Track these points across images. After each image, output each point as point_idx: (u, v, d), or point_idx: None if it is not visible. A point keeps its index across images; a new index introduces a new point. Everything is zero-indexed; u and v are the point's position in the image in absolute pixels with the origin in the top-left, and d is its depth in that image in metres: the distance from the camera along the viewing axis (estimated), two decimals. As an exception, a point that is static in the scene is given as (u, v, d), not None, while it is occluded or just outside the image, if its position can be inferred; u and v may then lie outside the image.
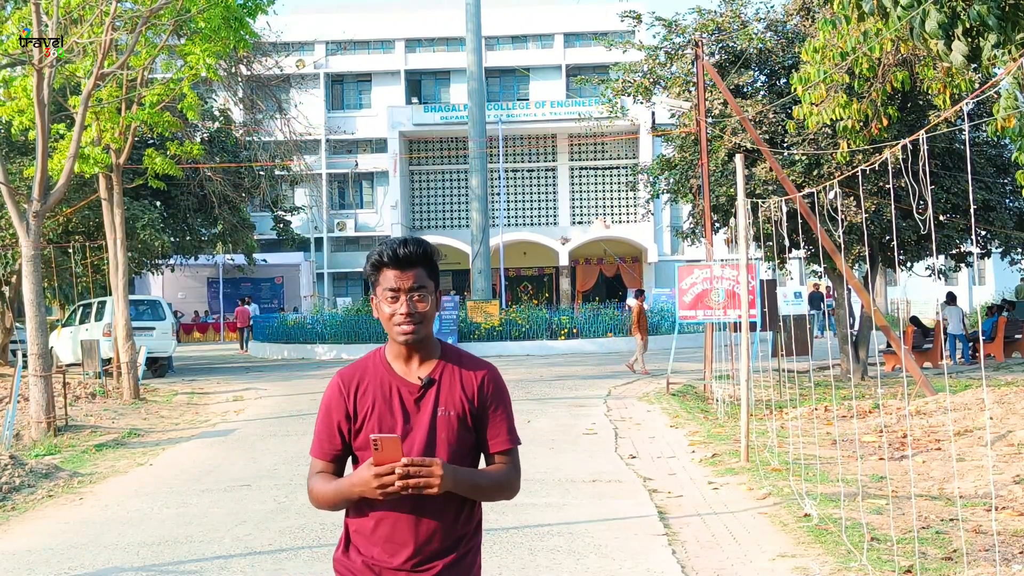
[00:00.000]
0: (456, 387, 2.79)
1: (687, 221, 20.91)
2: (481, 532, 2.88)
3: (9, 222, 18.82)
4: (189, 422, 14.76)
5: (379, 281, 2.77)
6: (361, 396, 2.78)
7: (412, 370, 2.80)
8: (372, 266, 2.79)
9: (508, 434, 2.83)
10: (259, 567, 6.58)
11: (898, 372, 18.35)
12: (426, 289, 2.76)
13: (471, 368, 2.83)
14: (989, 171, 16.81)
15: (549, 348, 26.33)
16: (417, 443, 2.72)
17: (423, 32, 45.22)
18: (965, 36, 7.94)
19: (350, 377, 2.82)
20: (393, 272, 2.74)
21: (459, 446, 2.76)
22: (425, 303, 2.75)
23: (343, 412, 2.78)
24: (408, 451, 2.69)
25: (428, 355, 2.82)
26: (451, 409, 2.76)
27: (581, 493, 8.68)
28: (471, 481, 2.71)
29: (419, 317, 2.74)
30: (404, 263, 2.74)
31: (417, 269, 2.75)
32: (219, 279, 40.66)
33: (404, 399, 2.77)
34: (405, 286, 2.73)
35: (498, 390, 2.84)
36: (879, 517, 7.12)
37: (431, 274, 2.79)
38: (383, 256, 2.75)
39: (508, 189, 43.95)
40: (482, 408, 2.80)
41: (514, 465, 2.84)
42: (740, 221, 9.74)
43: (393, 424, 2.74)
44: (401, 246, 2.75)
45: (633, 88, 18.53)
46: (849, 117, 10.78)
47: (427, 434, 2.73)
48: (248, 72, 29.66)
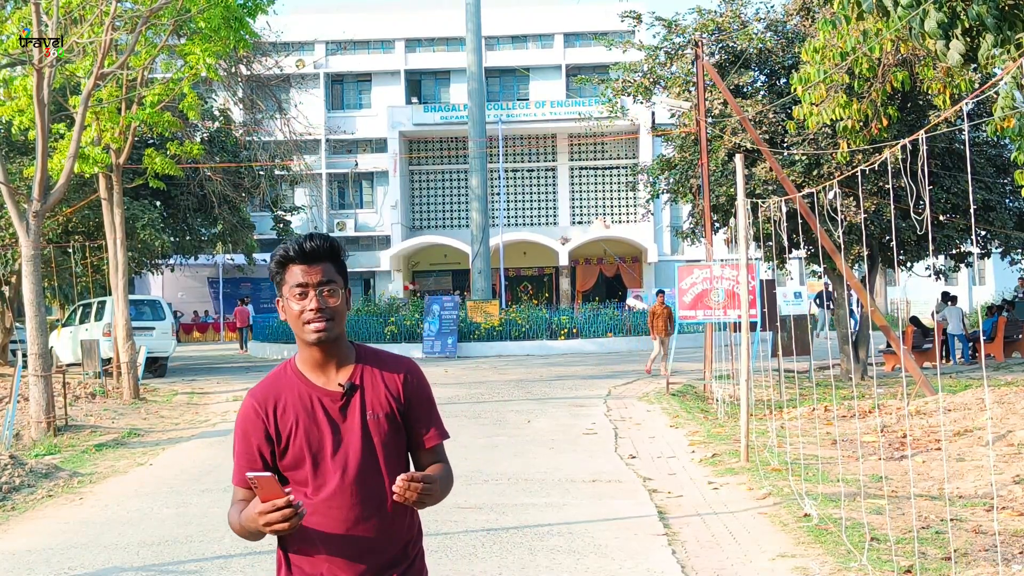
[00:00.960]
0: (380, 387, 2.67)
1: (687, 221, 20.91)
2: (422, 535, 2.79)
3: (9, 222, 18.82)
4: (189, 422, 14.77)
5: (285, 279, 2.63)
6: (281, 415, 2.62)
7: (330, 378, 2.66)
8: (277, 264, 2.65)
9: (438, 428, 2.75)
10: (259, 567, 6.59)
11: (898, 372, 18.35)
12: (336, 284, 2.63)
13: (391, 366, 2.72)
14: (989, 171, 16.81)
15: (549, 348, 26.33)
16: (352, 453, 2.60)
17: (423, 32, 45.21)
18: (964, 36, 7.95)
19: (264, 396, 2.65)
20: (300, 267, 2.61)
21: (395, 447, 2.66)
22: (336, 298, 2.62)
23: (262, 435, 2.62)
24: (344, 463, 2.58)
25: (344, 360, 2.69)
26: (379, 411, 2.64)
27: (581, 493, 8.68)
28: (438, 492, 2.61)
29: (330, 312, 2.61)
30: (311, 257, 2.61)
31: (325, 263, 2.63)
32: (219, 279, 40.66)
33: (328, 409, 2.62)
34: (313, 280, 2.60)
35: (421, 384, 2.75)
36: (879, 517, 7.12)
37: (339, 270, 2.67)
38: (288, 251, 2.62)
39: (508, 189, 43.95)
40: (409, 405, 2.69)
41: (445, 461, 2.77)
42: (740, 221, 9.74)
43: (321, 437, 2.60)
44: (307, 240, 2.63)
45: (633, 88, 18.54)
46: (849, 117, 10.79)
47: (361, 442, 2.60)
48: (248, 72, 29.66)
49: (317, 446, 2.60)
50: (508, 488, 8.84)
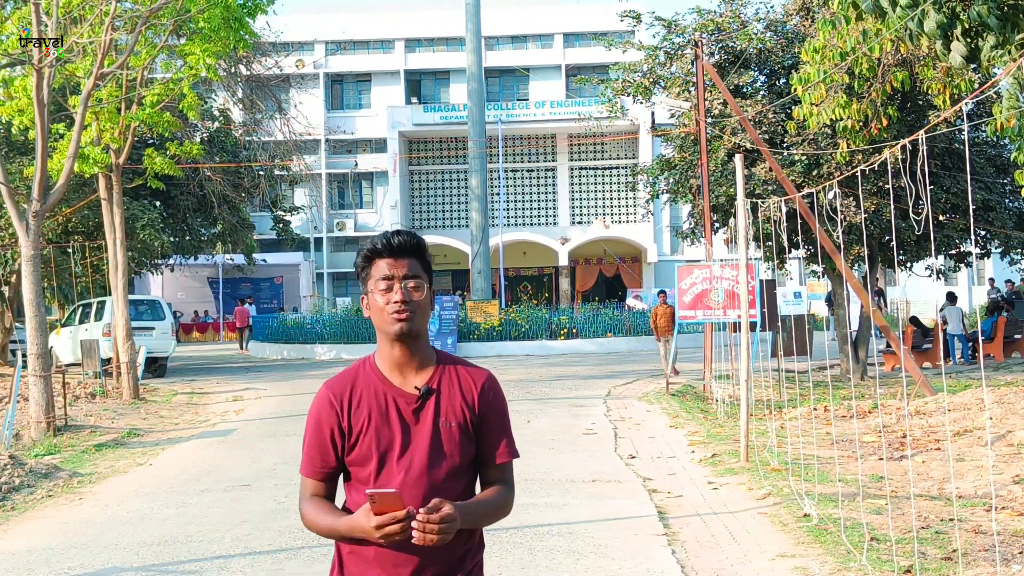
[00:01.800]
0: (456, 395, 2.64)
1: (687, 221, 20.91)
2: (483, 548, 2.73)
3: (9, 222, 18.82)
4: (189, 422, 14.76)
5: (371, 273, 2.64)
6: (355, 410, 2.60)
7: (408, 379, 2.64)
8: (364, 258, 2.67)
9: (508, 446, 2.70)
10: (259, 567, 6.59)
11: (898, 372, 18.35)
12: (421, 279, 2.62)
13: (470, 374, 2.68)
14: (989, 171, 16.82)
15: (549, 348, 26.33)
16: (418, 457, 2.57)
17: (423, 32, 45.21)
18: (964, 36, 7.94)
19: (341, 389, 2.63)
20: (386, 261, 2.62)
21: (461, 458, 2.62)
22: (421, 292, 2.61)
23: (336, 426, 2.60)
24: (409, 466, 2.56)
25: (424, 362, 2.65)
26: (452, 419, 2.61)
27: (581, 493, 8.68)
28: (475, 514, 2.57)
29: (414, 306, 2.59)
30: (398, 252, 2.62)
31: (411, 259, 2.63)
32: (219, 279, 40.65)
33: (402, 410, 2.60)
34: (399, 274, 2.60)
35: (498, 398, 2.71)
36: (879, 517, 7.12)
37: (425, 267, 2.67)
38: (376, 245, 2.64)
39: (508, 189, 43.95)
40: (483, 417, 2.66)
41: (509, 482, 2.71)
42: (740, 221, 9.74)
43: (391, 437, 2.58)
44: (395, 235, 2.64)
45: (633, 88, 18.54)
46: (849, 117, 10.79)
47: (428, 447, 2.58)
48: (248, 72, 29.66)
49: (386, 446, 2.58)
50: (508, 488, 8.82)
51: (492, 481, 2.70)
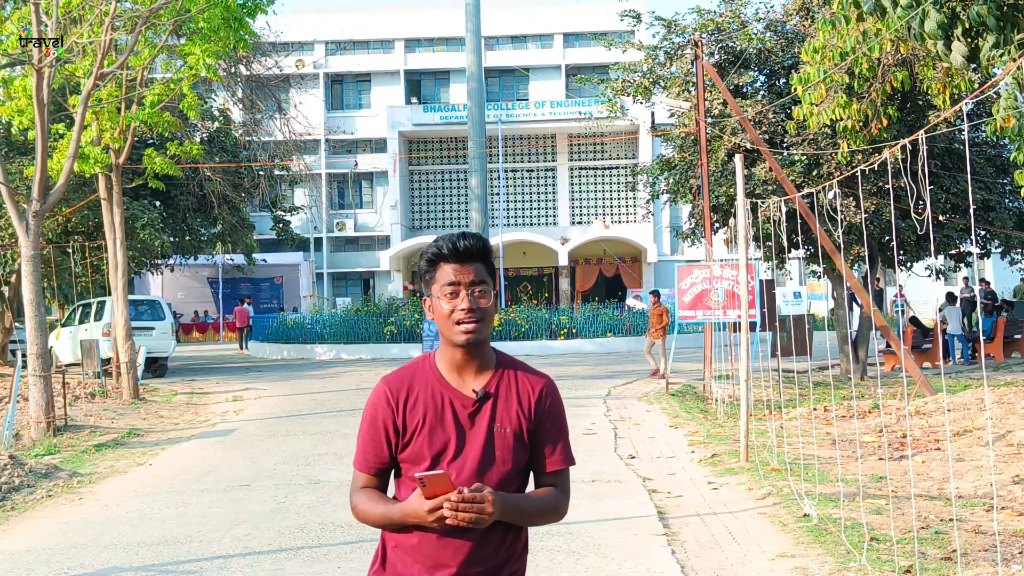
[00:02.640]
0: (512, 401, 2.59)
1: (687, 222, 20.91)
2: (527, 553, 2.69)
3: (9, 222, 18.82)
4: (189, 422, 14.76)
5: (436, 278, 2.56)
6: (411, 408, 2.57)
7: (466, 381, 2.59)
8: (428, 261, 2.58)
9: (563, 453, 2.64)
10: (259, 567, 6.58)
11: (898, 372, 18.35)
12: (487, 285, 2.56)
13: (529, 380, 2.63)
14: (988, 171, 16.82)
15: (549, 348, 26.34)
16: (470, 462, 2.54)
17: (423, 32, 45.22)
18: (964, 36, 7.95)
19: (398, 386, 2.59)
20: (452, 266, 2.54)
21: (514, 465, 2.57)
22: (487, 299, 2.55)
23: (391, 423, 2.57)
24: (460, 470, 2.53)
25: (484, 365, 2.60)
26: (507, 425, 2.57)
27: (581, 493, 8.67)
28: (520, 508, 2.53)
29: (481, 314, 2.53)
30: (464, 256, 2.54)
31: (477, 263, 2.56)
32: (219, 279, 40.65)
33: (458, 413, 2.56)
34: (466, 280, 2.53)
35: (556, 404, 2.65)
36: (879, 517, 7.12)
37: (490, 271, 2.60)
38: (442, 249, 2.55)
39: (508, 189, 43.95)
40: (539, 424, 2.60)
41: (564, 488, 2.66)
42: (740, 221, 9.74)
43: (446, 440, 2.55)
44: (460, 239, 2.55)
45: (633, 88, 18.54)
46: (849, 117, 10.79)
47: (481, 452, 2.54)
48: (248, 72, 29.67)
49: (439, 447, 2.55)
50: (508, 488, 8.82)
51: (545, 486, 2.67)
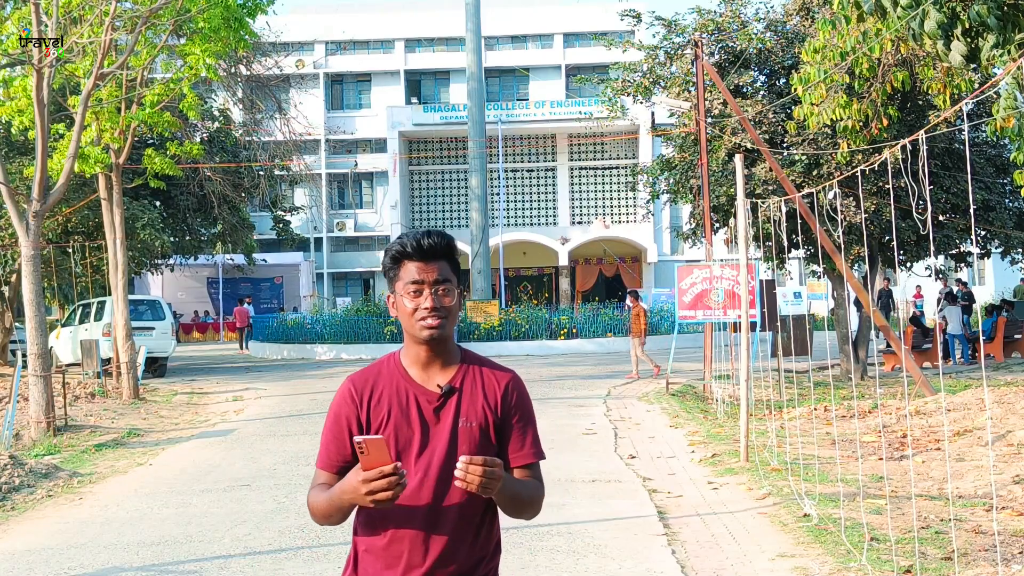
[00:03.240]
0: (478, 395, 2.59)
1: (687, 222, 20.90)
2: (500, 553, 2.67)
3: (9, 222, 18.82)
4: (189, 422, 14.76)
5: (399, 275, 2.58)
6: (375, 405, 2.57)
7: (431, 377, 2.60)
8: (392, 259, 2.60)
9: (533, 447, 2.63)
10: (259, 567, 6.58)
11: (898, 372, 18.35)
12: (451, 283, 2.59)
13: (494, 375, 2.64)
14: (989, 171, 16.82)
15: (549, 348, 26.33)
16: (436, 457, 2.53)
17: (423, 32, 45.21)
18: (964, 36, 7.94)
19: (362, 384, 2.60)
20: (416, 264, 2.56)
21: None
22: (451, 297, 2.58)
23: (355, 420, 2.57)
24: (427, 465, 2.52)
25: (449, 360, 2.62)
26: (473, 420, 2.57)
27: (581, 493, 8.68)
28: (514, 489, 2.52)
29: (444, 312, 2.56)
30: (428, 255, 2.56)
31: (441, 262, 2.59)
32: (219, 279, 40.65)
33: (422, 408, 2.56)
34: (430, 278, 2.55)
35: (522, 398, 2.64)
36: (879, 517, 7.12)
37: (454, 269, 2.63)
38: (405, 247, 2.57)
39: (508, 189, 43.94)
40: (505, 418, 2.60)
41: (539, 480, 2.65)
42: (740, 221, 9.74)
43: (411, 436, 2.54)
44: (425, 237, 2.57)
45: (633, 88, 18.54)
46: (849, 117, 10.79)
47: (447, 447, 2.53)
48: (248, 72, 29.68)
49: (404, 444, 2.54)
50: (508, 488, 8.82)
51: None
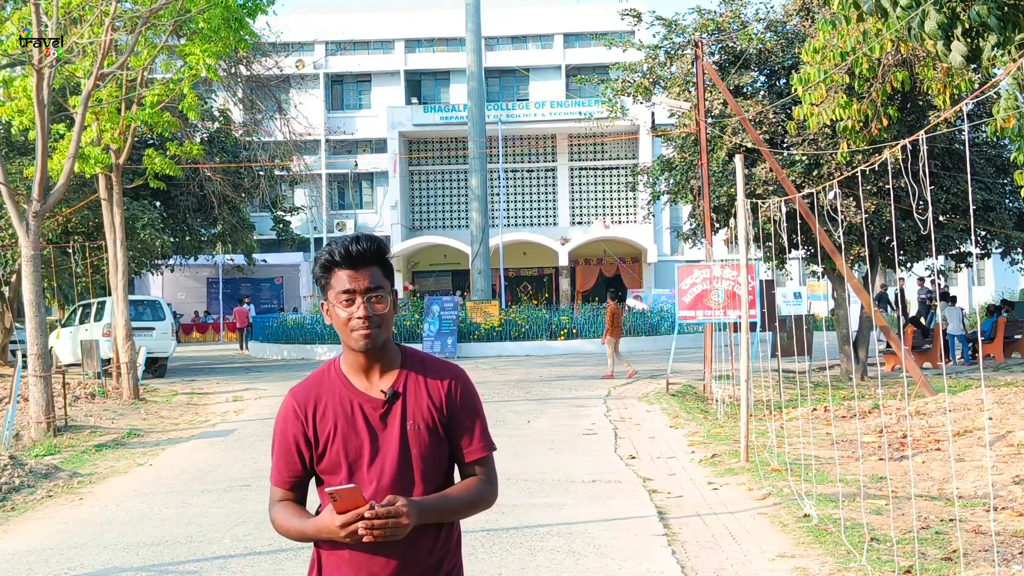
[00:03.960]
0: (423, 396, 2.57)
1: (687, 223, 20.89)
2: (461, 548, 2.71)
3: (9, 222, 18.82)
4: (189, 422, 14.76)
5: (331, 284, 2.53)
6: (320, 418, 2.55)
7: (373, 383, 2.57)
8: (322, 267, 2.54)
9: (482, 440, 2.62)
10: (259, 567, 6.58)
11: (898, 372, 18.35)
12: (383, 289, 2.53)
13: (436, 374, 2.61)
14: (989, 171, 16.81)
15: (549, 348, 26.33)
16: (388, 463, 2.52)
17: (423, 32, 45.21)
18: (964, 36, 7.94)
19: (305, 398, 2.58)
20: (346, 272, 2.51)
21: (433, 460, 2.57)
22: (383, 304, 2.52)
23: (302, 436, 2.56)
24: (380, 473, 2.52)
25: (389, 364, 2.59)
26: (420, 421, 2.55)
27: (581, 493, 8.68)
28: (440, 508, 2.52)
29: (378, 320, 2.51)
30: (358, 262, 2.51)
31: (372, 268, 2.53)
32: (219, 279, 40.64)
33: (368, 416, 2.54)
34: (361, 287, 2.50)
35: (467, 394, 2.63)
36: (879, 517, 7.12)
37: (386, 273, 2.57)
38: (334, 255, 2.51)
39: (508, 189, 43.94)
40: (452, 415, 2.59)
41: (488, 475, 2.64)
42: (740, 221, 9.74)
43: (360, 445, 2.53)
44: (353, 243, 2.52)
45: (633, 88, 18.54)
46: (849, 117, 10.78)
47: (398, 452, 2.52)
48: (248, 72, 29.68)
49: (355, 454, 2.54)
50: (507, 488, 8.83)
51: (469, 476, 2.65)
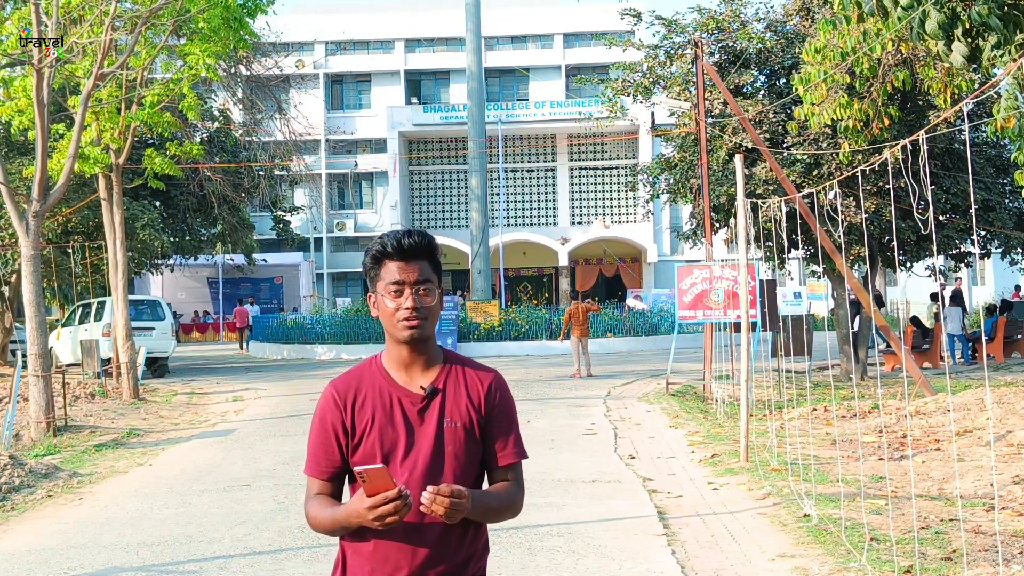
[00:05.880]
0: (462, 396, 2.60)
1: (687, 223, 20.89)
2: (488, 551, 2.70)
3: (9, 222, 18.81)
4: (189, 422, 14.76)
5: (380, 275, 2.58)
6: (359, 409, 2.57)
7: (413, 378, 2.60)
8: (373, 259, 2.59)
9: (515, 446, 2.65)
10: (259, 567, 6.58)
11: (898, 372, 18.35)
12: (431, 283, 2.58)
13: (477, 375, 2.64)
14: (989, 171, 16.81)
15: (549, 348, 26.31)
16: (422, 458, 2.54)
17: (423, 32, 45.20)
18: (965, 36, 7.94)
19: (345, 388, 2.61)
20: (397, 264, 2.56)
21: (467, 460, 2.58)
22: (431, 297, 2.57)
23: (340, 425, 2.57)
24: (413, 467, 2.53)
25: (431, 361, 2.62)
26: (457, 420, 2.57)
27: (581, 493, 8.68)
28: (484, 504, 2.53)
29: (425, 312, 2.55)
30: (409, 255, 2.56)
31: (422, 262, 2.57)
32: (219, 279, 40.64)
33: (406, 410, 2.57)
34: (410, 279, 2.55)
35: (505, 398, 2.66)
36: (879, 517, 7.12)
37: (435, 268, 2.61)
38: (386, 247, 2.56)
39: (508, 189, 43.94)
40: (489, 418, 2.61)
41: (518, 481, 2.67)
42: (740, 221, 9.74)
43: (396, 438, 2.55)
44: (405, 236, 2.56)
45: (633, 88, 18.54)
46: (850, 117, 10.78)
47: (432, 448, 2.55)
48: (248, 72, 29.68)
49: (390, 446, 2.55)
50: (508, 488, 8.82)
51: (500, 481, 2.67)
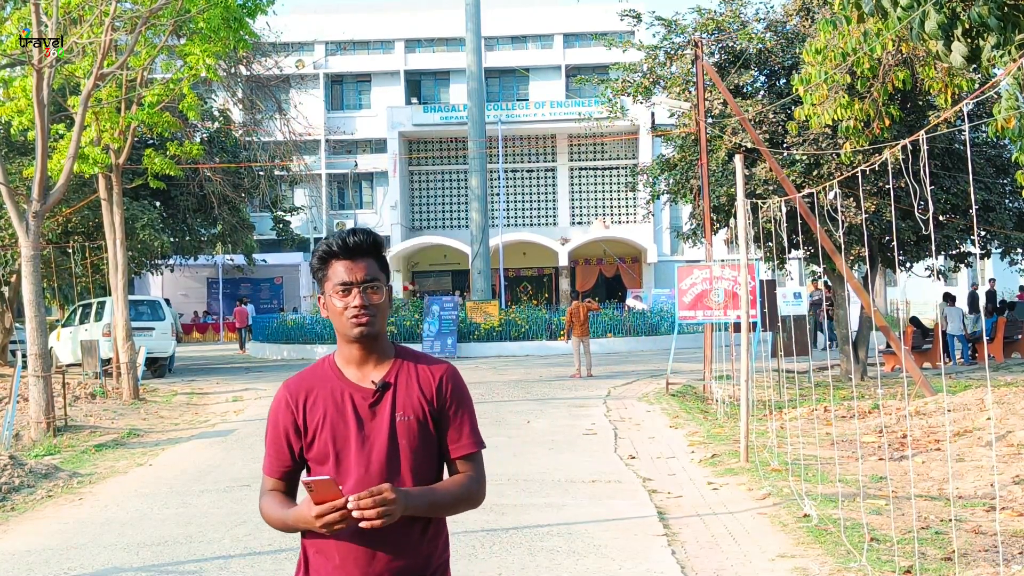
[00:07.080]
0: (414, 389, 2.61)
1: (688, 223, 20.88)
2: (449, 547, 2.70)
3: (9, 222, 18.81)
4: (189, 422, 14.76)
5: (328, 276, 2.62)
6: (311, 407, 2.60)
7: (366, 375, 2.63)
8: (319, 259, 2.63)
9: (471, 437, 2.65)
10: (259, 567, 6.58)
11: (898, 372, 18.35)
12: (379, 281, 2.61)
13: (429, 368, 2.66)
14: (989, 171, 16.81)
15: (549, 348, 26.32)
16: (377, 452, 2.55)
17: (423, 32, 45.21)
18: (965, 37, 7.94)
19: (297, 388, 2.64)
20: (343, 264, 2.59)
21: (423, 453, 2.59)
22: (379, 295, 2.60)
23: (292, 426, 2.61)
24: (368, 462, 2.54)
25: (382, 357, 2.64)
26: (410, 413, 2.59)
27: (581, 493, 8.68)
28: (428, 500, 2.53)
29: (374, 310, 2.58)
30: (355, 253, 2.59)
31: (368, 260, 2.61)
32: (219, 279, 40.63)
33: (358, 406, 2.59)
34: (357, 278, 2.58)
35: (458, 389, 2.67)
36: (879, 517, 7.12)
37: (382, 266, 2.65)
38: (332, 247, 2.60)
39: (508, 189, 43.93)
40: (442, 410, 2.62)
41: (477, 472, 2.66)
42: (740, 221, 9.74)
43: (348, 434, 2.56)
44: (350, 235, 2.60)
45: (633, 88, 18.53)
46: (851, 117, 10.78)
47: (388, 443, 2.55)
48: (248, 72, 29.69)
49: (342, 442, 2.57)
50: (507, 488, 8.83)
51: (457, 473, 2.67)
